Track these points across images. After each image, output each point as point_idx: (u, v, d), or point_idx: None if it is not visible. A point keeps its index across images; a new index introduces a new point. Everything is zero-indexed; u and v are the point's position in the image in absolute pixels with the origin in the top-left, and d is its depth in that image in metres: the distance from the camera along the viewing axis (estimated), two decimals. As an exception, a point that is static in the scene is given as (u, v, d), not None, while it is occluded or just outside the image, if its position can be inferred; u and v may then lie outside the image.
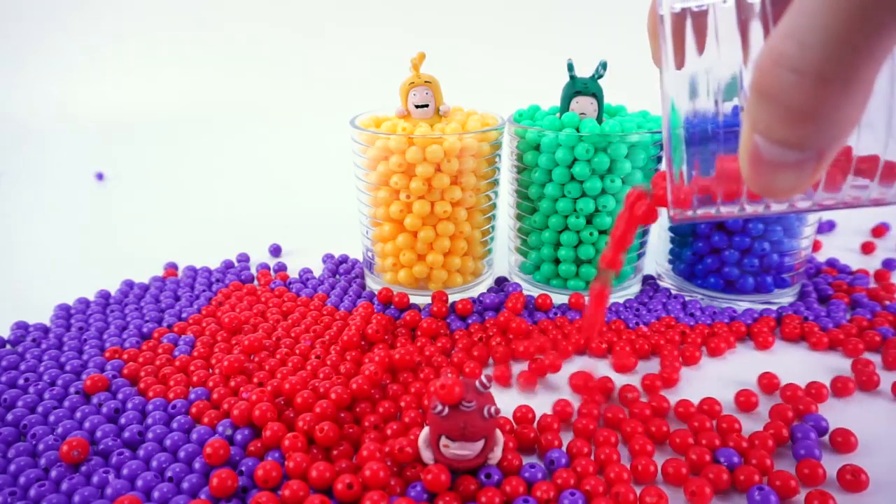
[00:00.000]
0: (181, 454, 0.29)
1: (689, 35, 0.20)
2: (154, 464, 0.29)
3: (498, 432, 0.28)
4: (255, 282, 0.49)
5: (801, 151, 0.17)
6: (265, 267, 0.51)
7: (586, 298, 0.41)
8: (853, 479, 0.28)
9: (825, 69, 0.15)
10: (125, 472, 0.28)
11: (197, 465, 0.29)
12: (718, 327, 0.41)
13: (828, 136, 0.17)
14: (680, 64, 0.20)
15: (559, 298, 0.44)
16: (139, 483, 0.28)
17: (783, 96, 0.16)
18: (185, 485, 0.28)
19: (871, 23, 0.15)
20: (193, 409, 0.32)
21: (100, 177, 0.79)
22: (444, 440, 0.27)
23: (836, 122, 0.16)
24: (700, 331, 0.40)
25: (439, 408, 0.26)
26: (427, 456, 0.28)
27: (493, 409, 0.27)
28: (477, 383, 0.27)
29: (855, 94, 0.16)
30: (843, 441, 0.30)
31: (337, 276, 0.50)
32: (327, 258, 0.52)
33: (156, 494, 0.27)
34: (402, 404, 0.33)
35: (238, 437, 0.30)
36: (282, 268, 0.51)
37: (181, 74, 1.12)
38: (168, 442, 0.30)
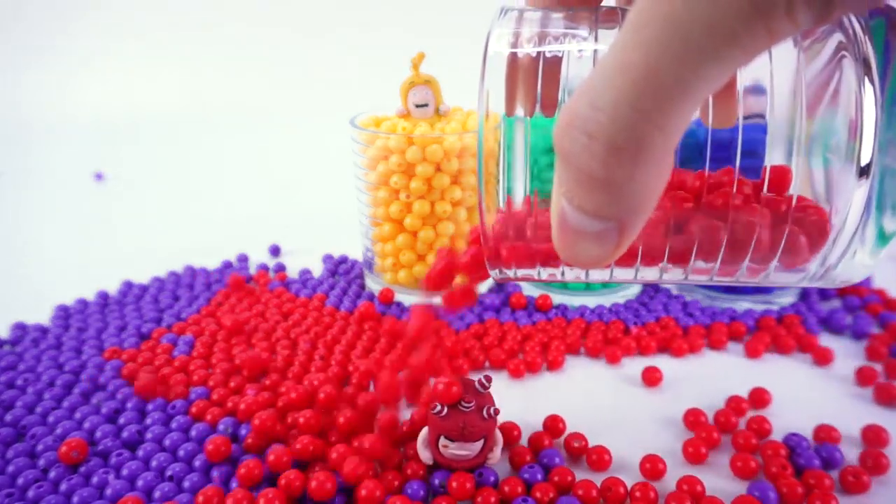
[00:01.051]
0: (181, 453, 0.29)
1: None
2: (154, 463, 0.29)
3: (497, 432, 0.28)
4: (253, 282, 0.49)
5: (600, 221, 0.15)
6: (264, 268, 0.50)
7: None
8: (855, 481, 0.28)
9: (615, 135, 0.14)
10: (125, 472, 0.28)
11: (197, 464, 0.29)
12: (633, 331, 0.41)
13: (625, 207, 0.15)
14: (510, 111, 0.19)
15: (559, 298, 0.44)
16: (139, 483, 0.28)
17: (577, 160, 0.15)
18: (185, 483, 0.28)
19: (661, 90, 0.13)
20: (193, 409, 0.32)
21: (99, 177, 0.78)
22: (443, 440, 0.27)
23: (631, 193, 0.15)
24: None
25: (438, 408, 0.26)
26: (426, 456, 0.28)
27: (492, 410, 0.26)
28: (476, 383, 0.27)
29: (649, 165, 0.14)
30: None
31: (336, 277, 0.50)
32: (327, 258, 0.52)
33: (157, 494, 0.27)
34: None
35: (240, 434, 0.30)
36: (281, 268, 0.51)
37: (181, 74, 1.12)
38: (167, 442, 0.30)
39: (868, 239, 0.18)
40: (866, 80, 0.16)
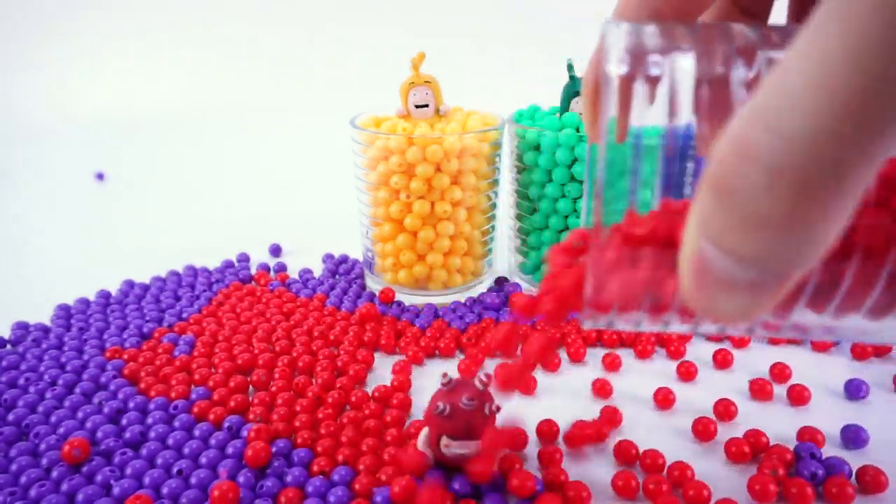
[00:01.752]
0: (185, 450, 0.30)
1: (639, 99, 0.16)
2: (159, 461, 0.29)
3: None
4: (253, 282, 0.49)
5: (759, 270, 0.13)
6: (265, 267, 0.51)
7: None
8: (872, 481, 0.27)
9: (810, 170, 0.11)
10: (129, 471, 0.28)
11: (203, 461, 0.29)
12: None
13: (798, 254, 0.13)
14: (622, 137, 0.16)
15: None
16: (146, 480, 0.28)
17: (748, 199, 0.12)
18: (192, 479, 0.28)
19: (884, 112, 0.11)
20: (195, 409, 0.32)
21: (100, 177, 0.79)
22: (444, 440, 0.27)
23: (811, 239, 0.12)
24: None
25: (441, 407, 0.26)
26: (427, 456, 0.28)
27: (493, 407, 0.27)
28: (476, 381, 0.27)
29: (844, 205, 0.12)
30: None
31: (337, 277, 0.50)
32: (327, 258, 0.52)
33: (165, 490, 0.27)
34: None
35: (244, 433, 0.31)
36: (282, 268, 0.51)
37: (181, 74, 1.12)
38: (171, 441, 0.30)
39: None
40: None
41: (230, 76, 1.11)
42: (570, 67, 0.41)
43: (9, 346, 0.40)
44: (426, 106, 0.41)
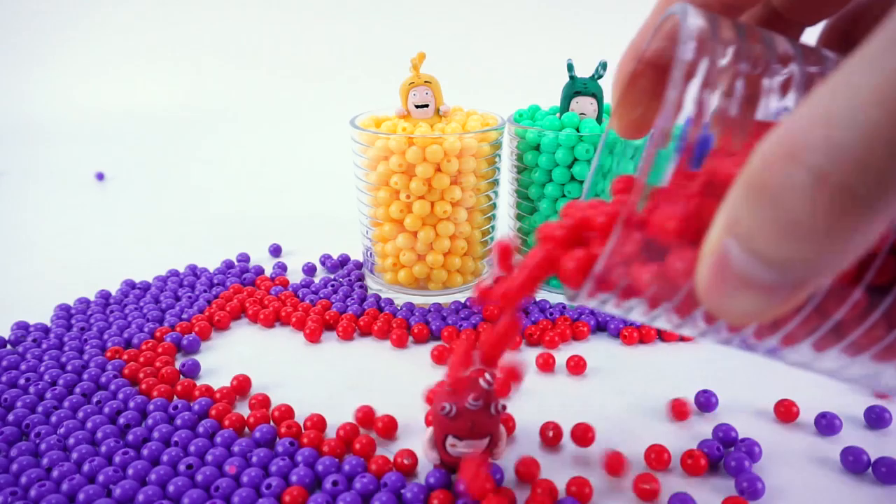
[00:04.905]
0: (191, 448, 0.30)
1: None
2: (164, 459, 0.29)
3: (501, 428, 0.28)
4: (254, 286, 0.49)
5: (780, 274, 0.13)
6: (262, 269, 0.51)
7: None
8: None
9: (857, 181, 0.11)
10: (130, 472, 0.28)
11: (209, 459, 0.29)
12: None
13: (823, 263, 0.12)
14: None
15: (558, 298, 0.45)
16: (152, 476, 0.28)
17: (788, 201, 0.12)
18: (199, 477, 0.28)
19: None
20: (213, 412, 0.32)
21: (100, 177, 0.79)
22: (450, 440, 0.27)
23: (842, 251, 0.12)
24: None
25: (447, 408, 0.26)
26: (433, 457, 0.28)
27: (500, 406, 0.27)
28: (481, 380, 0.27)
29: (880, 220, 0.12)
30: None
31: (337, 278, 0.50)
32: (327, 258, 0.52)
33: (171, 489, 0.27)
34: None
35: (257, 434, 0.31)
36: (282, 268, 0.51)
37: (181, 74, 1.12)
38: (172, 441, 0.30)
39: None
40: None
41: (230, 76, 1.11)
42: (570, 67, 0.41)
43: (9, 347, 0.40)
44: (426, 106, 0.41)
